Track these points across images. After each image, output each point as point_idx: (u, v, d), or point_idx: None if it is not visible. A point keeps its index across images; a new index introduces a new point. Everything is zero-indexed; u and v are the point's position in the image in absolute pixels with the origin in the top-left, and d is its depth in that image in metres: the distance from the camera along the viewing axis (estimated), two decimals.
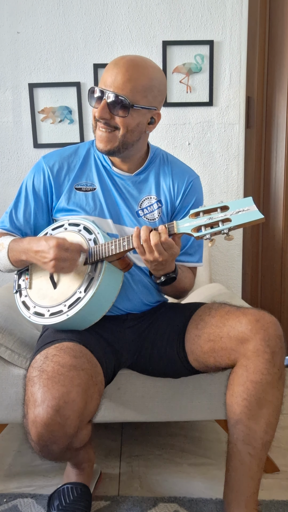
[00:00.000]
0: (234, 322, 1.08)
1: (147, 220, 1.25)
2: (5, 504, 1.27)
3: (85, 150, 1.29)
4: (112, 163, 1.25)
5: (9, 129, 2.04)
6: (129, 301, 1.24)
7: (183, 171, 1.30)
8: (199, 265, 1.34)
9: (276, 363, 1.05)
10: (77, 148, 1.30)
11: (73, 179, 1.25)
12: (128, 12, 1.96)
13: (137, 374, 1.30)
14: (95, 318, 1.14)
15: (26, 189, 1.28)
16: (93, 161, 1.27)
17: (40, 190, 1.26)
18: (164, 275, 1.13)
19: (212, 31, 1.98)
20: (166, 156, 1.33)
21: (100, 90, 1.12)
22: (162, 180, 1.28)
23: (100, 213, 1.23)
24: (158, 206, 1.26)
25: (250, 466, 1.08)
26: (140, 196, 1.26)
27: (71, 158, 1.27)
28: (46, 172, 1.25)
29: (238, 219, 0.94)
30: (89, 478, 1.26)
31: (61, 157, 1.27)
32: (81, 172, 1.26)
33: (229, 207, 0.96)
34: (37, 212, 1.27)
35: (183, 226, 1.01)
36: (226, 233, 0.95)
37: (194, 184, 1.29)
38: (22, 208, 1.28)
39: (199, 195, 1.32)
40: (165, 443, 1.57)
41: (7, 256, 1.20)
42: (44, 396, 0.93)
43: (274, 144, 2.09)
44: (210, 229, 0.97)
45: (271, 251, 2.17)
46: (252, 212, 0.94)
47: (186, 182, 1.28)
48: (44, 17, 1.95)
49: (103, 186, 1.25)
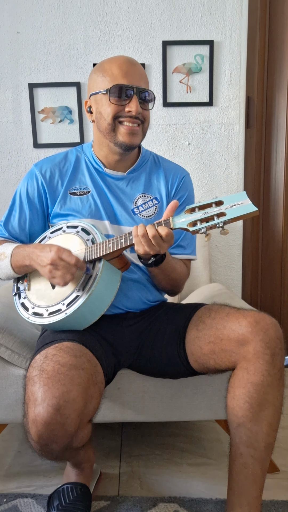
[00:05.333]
0: (234, 324, 1.08)
1: (143, 217, 1.25)
2: (5, 504, 1.27)
3: (74, 156, 1.30)
4: (104, 165, 1.26)
5: (9, 129, 2.04)
6: (128, 299, 1.24)
7: (175, 168, 1.35)
8: (192, 257, 1.35)
9: (276, 365, 1.05)
10: (67, 154, 1.32)
11: (66, 184, 1.26)
12: (128, 12, 1.96)
13: (137, 374, 1.30)
14: (93, 317, 1.14)
15: (20, 197, 1.29)
16: (84, 165, 1.29)
17: (35, 197, 1.27)
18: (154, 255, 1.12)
19: (212, 31, 1.98)
20: (156, 157, 1.36)
21: (131, 86, 1.15)
22: (155, 178, 1.30)
23: (97, 215, 1.24)
24: (154, 204, 1.27)
25: (253, 469, 1.07)
26: (134, 194, 1.27)
27: (62, 163, 1.29)
28: (39, 179, 1.26)
29: (232, 212, 0.96)
30: (89, 478, 1.26)
31: (52, 164, 1.28)
32: (73, 176, 1.27)
33: (224, 202, 0.98)
34: (32, 219, 1.28)
35: (179, 221, 1.02)
36: (222, 227, 0.97)
37: (186, 180, 1.34)
38: (17, 216, 1.29)
39: (191, 191, 1.36)
40: (165, 443, 1.57)
41: (10, 265, 1.21)
42: (44, 395, 0.93)
43: (274, 144, 2.09)
44: (206, 223, 0.98)
45: (271, 251, 2.17)
46: (246, 205, 0.95)
47: (179, 177, 1.32)
48: (44, 17, 1.95)
49: (97, 188, 1.26)
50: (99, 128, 1.21)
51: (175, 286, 1.31)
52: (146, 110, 1.19)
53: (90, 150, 1.30)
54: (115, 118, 1.17)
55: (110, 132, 1.19)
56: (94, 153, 1.28)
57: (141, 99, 1.17)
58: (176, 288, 1.32)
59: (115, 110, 1.16)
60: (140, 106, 1.16)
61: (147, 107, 1.19)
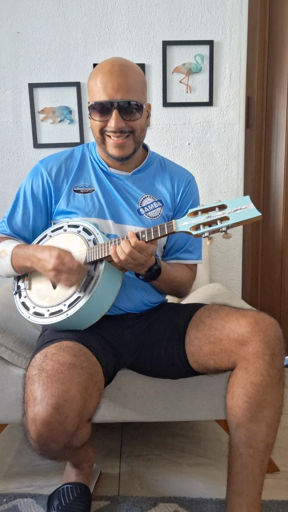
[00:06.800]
0: (234, 324, 1.08)
1: (149, 217, 1.25)
2: (5, 504, 1.27)
3: (80, 153, 1.30)
4: (108, 164, 1.26)
5: (9, 129, 2.04)
6: (129, 301, 1.24)
7: (181, 172, 1.34)
8: (198, 262, 1.35)
9: (276, 365, 1.05)
10: (73, 151, 1.31)
11: (71, 182, 1.26)
12: (128, 12, 1.96)
13: (137, 374, 1.30)
14: (94, 318, 1.14)
15: (24, 194, 1.28)
16: (89, 163, 1.28)
17: (39, 194, 1.27)
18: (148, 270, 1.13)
19: (212, 31, 1.98)
20: (163, 159, 1.36)
21: (109, 102, 1.12)
22: (160, 181, 1.30)
23: (100, 214, 1.23)
24: (159, 205, 1.26)
25: (252, 469, 1.07)
26: (140, 194, 1.26)
27: (68, 161, 1.28)
28: (44, 176, 1.26)
29: (236, 217, 0.95)
30: (88, 478, 1.26)
31: (58, 161, 1.28)
32: (78, 174, 1.27)
33: (227, 206, 0.98)
34: (36, 216, 1.28)
35: (182, 224, 1.02)
36: (224, 231, 0.97)
37: (192, 184, 1.33)
38: (20, 212, 1.28)
39: (196, 195, 1.35)
40: (165, 443, 1.57)
41: (11, 263, 1.20)
42: (43, 394, 0.93)
43: (274, 144, 2.09)
44: (209, 227, 0.98)
45: (271, 251, 2.17)
46: (249, 210, 0.95)
47: (185, 181, 1.31)
48: (44, 17, 1.95)
49: (102, 187, 1.25)
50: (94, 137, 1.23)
51: (179, 292, 1.31)
52: (131, 121, 1.15)
53: (95, 149, 1.29)
54: (102, 133, 1.18)
55: (101, 144, 1.21)
56: (97, 152, 1.28)
57: (124, 111, 1.13)
58: (182, 293, 1.33)
59: (99, 126, 1.17)
60: (124, 118, 1.14)
61: (132, 118, 1.15)
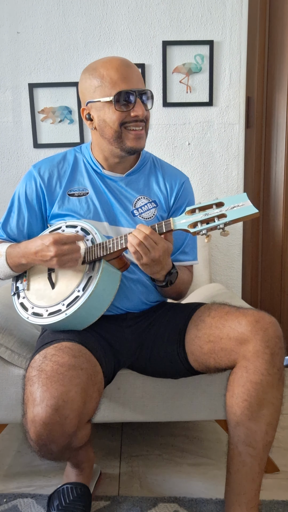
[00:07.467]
0: (234, 323, 1.08)
1: (143, 219, 1.25)
2: (5, 504, 1.27)
3: (72, 156, 1.30)
4: (102, 166, 1.26)
5: (9, 129, 2.04)
6: (128, 300, 1.24)
7: (174, 173, 1.34)
8: (195, 263, 1.35)
9: (275, 364, 1.05)
10: (65, 155, 1.31)
11: (65, 186, 1.26)
12: (128, 12, 1.96)
13: (137, 374, 1.30)
14: (93, 318, 1.14)
15: (18, 199, 1.29)
16: (82, 166, 1.28)
17: (33, 199, 1.27)
18: (167, 274, 1.14)
19: (212, 31, 1.98)
20: (156, 159, 1.35)
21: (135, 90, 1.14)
22: (154, 182, 1.30)
23: (95, 216, 1.23)
24: (153, 206, 1.27)
25: (251, 468, 1.07)
26: (134, 196, 1.26)
27: (60, 164, 1.28)
28: (37, 180, 1.26)
29: (233, 214, 0.96)
30: (89, 478, 1.26)
31: (51, 165, 1.28)
32: (72, 177, 1.27)
33: (224, 203, 0.98)
34: (30, 221, 1.28)
35: (180, 222, 1.03)
36: (222, 228, 0.97)
37: (186, 186, 1.33)
38: (15, 217, 1.29)
39: (191, 197, 1.35)
40: (165, 443, 1.57)
41: (6, 263, 1.21)
42: (43, 395, 0.93)
43: (274, 144, 2.09)
44: (206, 225, 0.99)
45: (271, 251, 2.17)
46: (246, 207, 0.95)
47: (179, 183, 1.31)
48: (44, 17, 1.95)
49: (96, 189, 1.26)
50: (103, 135, 1.19)
51: (180, 294, 1.32)
52: (146, 111, 1.18)
53: (89, 152, 1.29)
54: (121, 125, 1.16)
55: (116, 139, 1.18)
56: (92, 155, 1.28)
57: (145, 101, 1.17)
58: (182, 294, 1.33)
59: (121, 117, 1.15)
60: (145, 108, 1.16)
61: (147, 108, 1.18)
